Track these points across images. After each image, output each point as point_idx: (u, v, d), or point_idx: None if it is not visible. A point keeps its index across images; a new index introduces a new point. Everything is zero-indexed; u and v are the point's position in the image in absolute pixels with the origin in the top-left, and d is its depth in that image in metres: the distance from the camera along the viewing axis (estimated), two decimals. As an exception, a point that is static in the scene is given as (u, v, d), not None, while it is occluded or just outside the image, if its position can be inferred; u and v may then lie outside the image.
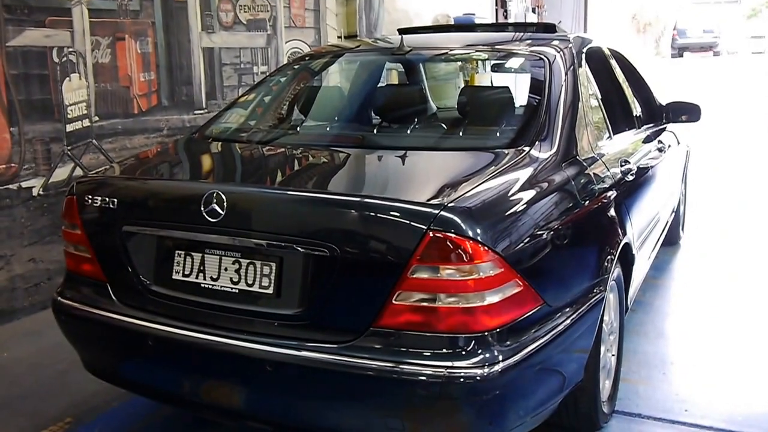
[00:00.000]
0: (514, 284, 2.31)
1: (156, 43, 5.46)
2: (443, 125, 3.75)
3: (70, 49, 4.79)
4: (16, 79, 4.45)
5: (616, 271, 3.14)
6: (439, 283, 2.22)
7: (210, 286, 2.51)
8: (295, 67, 4.10)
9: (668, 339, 4.21)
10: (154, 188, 2.90)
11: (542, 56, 3.39)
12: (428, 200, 2.37)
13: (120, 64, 5.17)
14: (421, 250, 2.20)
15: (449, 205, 2.27)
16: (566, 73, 3.30)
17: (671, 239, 5.72)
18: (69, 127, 4.81)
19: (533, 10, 12.74)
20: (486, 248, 2.22)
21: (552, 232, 2.57)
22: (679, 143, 5.29)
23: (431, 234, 2.20)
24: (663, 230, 4.80)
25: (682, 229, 6.11)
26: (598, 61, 4.10)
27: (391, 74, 4.93)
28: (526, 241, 2.41)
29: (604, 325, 2.99)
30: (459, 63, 4.81)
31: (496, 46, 3.92)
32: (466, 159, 2.95)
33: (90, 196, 2.79)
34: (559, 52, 3.42)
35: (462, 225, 2.21)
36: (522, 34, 4.18)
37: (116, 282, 2.73)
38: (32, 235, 4.59)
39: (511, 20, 11.77)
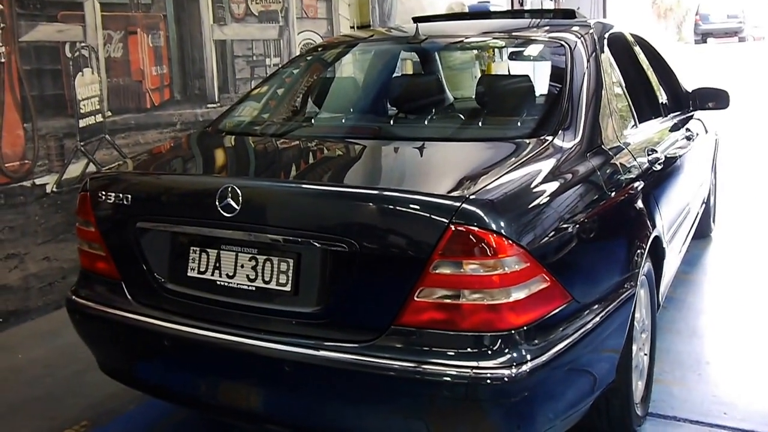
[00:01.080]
0: (541, 279, 2.22)
1: (168, 37, 5.39)
2: (462, 115, 3.66)
3: (83, 44, 4.73)
4: (29, 74, 4.40)
5: (647, 266, 3.04)
6: (462, 278, 2.14)
7: (226, 284, 2.44)
8: (309, 58, 4.03)
9: (702, 337, 4.08)
10: (168, 183, 2.83)
11: (563, 42, 3.29)
12: (449, 192, 2.28)
13: (132, 58, 5.11)
14: (443, 245, 2.12)
15: (471, 197, 2.19)
16: (588, 60, 3.19)
17: (702, 232, 5.59)
18: (82, 123, 4.75)
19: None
20: (510, 242, 2.13)
21: (578, 225, 2.47)
22: (707, 131, 5.18)
23: (453, 227, 2.12)
24: (694, 222, 4.69)
25: (713, 221, 5.99)
26: (621, 47, 3.99)
27: (406, 64, 4.83)
28: (551, 234, 2.33)
29: (635, 322, 2.90)
30: (476, 51, 4.71)
31: (515, 33, 3.83)
32: (486, 149, 2.86)
33: (103, 192, 2.73)
34: (579, 38, 3.32)
35: (485, 218, 2.13)
36: (540, 20, 4.08)
37: (131, 280, 2.67)
38: (46, 233, 4.54)
39: (527, 8, 11.64)
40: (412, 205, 2.24)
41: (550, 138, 2.75)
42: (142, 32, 5.17)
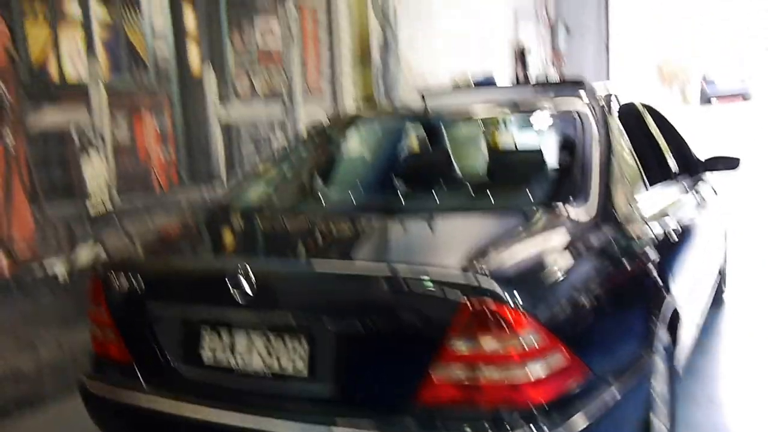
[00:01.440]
0: (559, 353, 2.15)
1: (173, 119, 5.48)
2: (473, 187, 3.67)
3: (90, 129, 4.80)
4: (38, 162, 4.47)
5: (663, 335, 2.95)
6: (479, 355, 2.08)
7: (240, 366, 2.40)
8: (315, 137, 4.06)
9: (720, 406, 4.01)
10: (179, 266, 2.81)
11: (574, 112, 3.30)
12: (463, 267, 2.21)
13: (139, 141, 5.19)
14: (458, 320, 2.08)
15: (486, 270, 2.14)
16: (599, 129, 3.18)
17: (714, 299, 5.56)
18: (90, 205, 4.79)
19: (552, 65, 12.76)
20: (528, 316, 2.08)
21: (594, 297, 2.41)
22: (718, 198, 5.17)
23: (468, 303, 2.07)
24: (712, 290, 4.64)
25: (725, 287, 5.92)
26: (631, 114, 4.02)
27: (411, 138, 4.87)
28: (568, 306, 2.27)
29: (654, 393, 2.80)
30: (487, 123, 4.73)
31: (525, 104, 3.86)
32: (499, 221, 2.81)
33: (115, 277, 2.72)
34: (590, 108, 3.31)
35: (501, 292, 2.07)
36: (550, 90, 4.11)
37: (144, 364, 2.63)
38: (58, 319, 4.53)
39: (530, 75, 11.80)
40: (426, 281, 2.19)
41: (563, 208, 2.72)
42: (148, 115, 5.25)
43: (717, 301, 5.47)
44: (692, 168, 4.66)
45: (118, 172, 5.00)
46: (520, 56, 11.35)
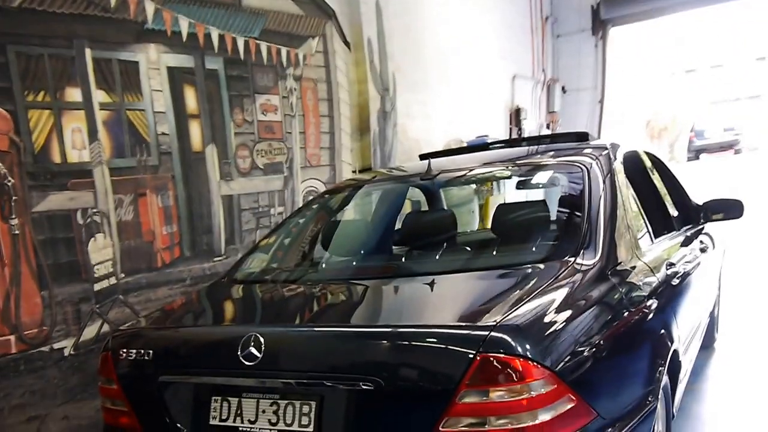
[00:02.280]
0: (567, 399, 2.25)
1: (176, 196, 5.53)
2: (478, 245, 3.73)
3: (94, 210, 4.86)
4: (44, 243, 4.51)
5: (664, 379, 3.06)
6: (489, 405, 2.17)
7: (248, 430, 2.48)
8: (314, 205, 4.13)
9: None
10: (188, 336, 2.92)
11: (579, 165, 3.40)
12: (475, 322, 2.32)
13: (143, 220, 5.23)
14: (471, 374, 2.16)
15: (498, 325, 2.23)
16: (604, 181, 3.29)
17: (705, 342, 5.58)
18: (96, 286, 4.83)
19: (547, 126, 12.88)
20: (537, 365, 2.18)
21: (602, 344, 2.52)
22: (715, 244, 5.23)
23: (480, 357, 2.15)
24: (702, 334, 4.70)
25: (717, 332, 5.97)
26: (635, 165, 4.10)
27: (412, 201, 4.92)
28: (577, 354, 2.37)
29: None
30: (489, 181, 4.80)
31: (530, 160, 3.93)
32: (507, 277, 2.91)
33: (125, 350, 2.82)
34: (595, 160, 3.43)
35: (513, 344, 2.17)
36: (555, 144, 4.19)
37: None
38: (65, 394, 4.58)
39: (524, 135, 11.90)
40: (438, 339, 2.28)
41: (571, 260, 2.81)
42: (151, 194, 5.31)
43: (707, 344, 5.54)
44: (694, 217, 4.75)
45: (122, 251, 5.05)
46: (516, 118, 11.48)
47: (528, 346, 2.18)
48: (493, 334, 2.18)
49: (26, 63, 4.55)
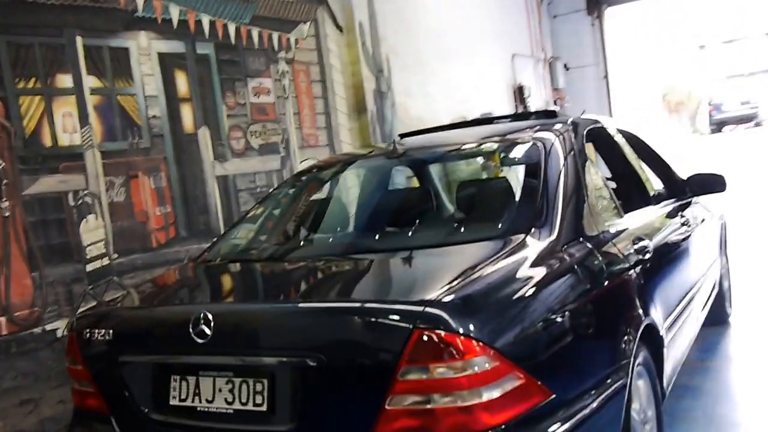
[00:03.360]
0: (514, 377, 2.22)
1: (169, 177, 5.65)
2: (440, 223, 3.77)
3: (86, 192, 4.98)
4: (34, 226, 4.62)
5: (642, 356, 3.03)
6: (431, 383, 2.15)
7: (206, 409, 2.50)
8: (287, 187, 4.20)
9: (720, 425, 4.03)
10: (146, 316, 2.96)
11: (539, 142, 3.41)
12: (412, 298, 2.33)
13: (135, 201, 5.35)
14: (409, 351, 2.15)
15: (434, 300, 2.23)
16: (565, 157, 3.31)
17: (718, 318, 5.59)
18: (89, 267, 4.95)
19: (555, 102, 12.90)
20: (477, 342, 2.15)
21: (555, 320, 2.49)
22: (711, 215, 5.22)
23: (417, 332, 2.14)
24: (704, 308, 4.70)
25: (730, 306, 5.94)
26: (605, 140, 4.13)
27: (376, 179, 4.97)
28: (524, 330, 2.35)
29: (634, 414, 2.87)
30: (452, 159, 4.83)
31: (492, 138, 3.97)
32: (459, 253, 2.90)
33: (88, 331, 2.85)
34: (557, 136, 3.43)
35: (449, 320, 2.16)
36: (521, 123, 4.23)
37: (119, 414, 2.76)
38: (59, 377, 4.66)
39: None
40: (375, 314, 2.29)
41: (523, 236, 2.80)
42: (143, 175, 5.43)
43: (720, 320, 5.52)
44: (678, 191, 4.77)
45: (115, 232, 5.17)
46: (519, 95, 11.52)
47: (465, 322, 2.16)
48: (428, 309, 2.19)
49: (17, 52, 4.68)
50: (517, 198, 3.46)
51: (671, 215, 4.30)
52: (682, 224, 4.33)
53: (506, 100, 11.33)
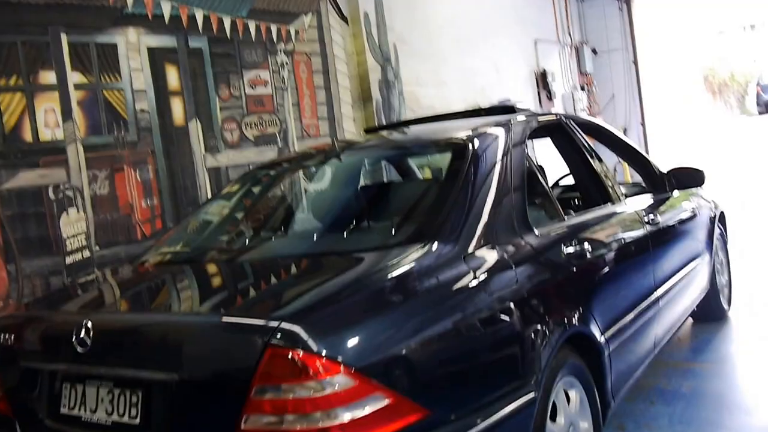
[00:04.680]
0: (380, 397, 2.13)
1: (157, 170, 5.76)
2: (338, 229, 3.48)
3: (67, 185, 5.11)
4: (12, 219, 4.77)
5: (571, 366, 2.96)
6: (284, 403, 2.07)
7: (89, 419, 2.50)
8: (237, 184, 4.16)
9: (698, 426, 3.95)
10: (43, 322, 2.95)
11: (461, 144, 3.31)
12: (270, 312, 2.25)
13: (120, 194, 5.47)
14: (261, 369, 2.07)
15: (292, 315, 2.17)
16: (490, 159, 3.21)
17: (712, 315, 5.52)
18: (68, 260, 5.07)
19: (582, 88, 12.73)
20: (333, 361, 2.07)
21: (439, 335, 2.39)
22: (698, 209, 5.14)
23: (270, 350, 2.07)
24: (685, 308, 4.66)
25: (728, 303, 5.81)
26: (565, 137, 4.04)
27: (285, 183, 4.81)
28: (396, 347, 2.25)
29: (554, 428, 2.81)
30: (379, 161, 4.65)
31: (425, 138, 3.91)
32: (339, 264, 2.81)
33: None
34: (483, 138, 3.33)
35: (304, 337, 2.07)
36: (469, 120, 4.12)
37: (21, 419, 2.78)
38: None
39: (556, 101, 11.82)
40: (231, 329, 2.25)
41: (419, 245, 2.68)
42: (129, 168, 5.55)
43: (715, 317, 5.42)
44: (658, 186, 4.68)
45: (97, 224, 5.28)
46: (542, 81, 11.41)
47: (321, 339, 2.09)
48: (283, 325, 2.10)
49: (-1, 51, 4.81)
50: (424, 204, 3.33)
51: (635, 213, 4.19)
52: (647, 222, 4.20)
53: (528, 87, 11.22)
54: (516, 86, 10.70)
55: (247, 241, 3.59)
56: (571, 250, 3.29)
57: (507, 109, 4.17)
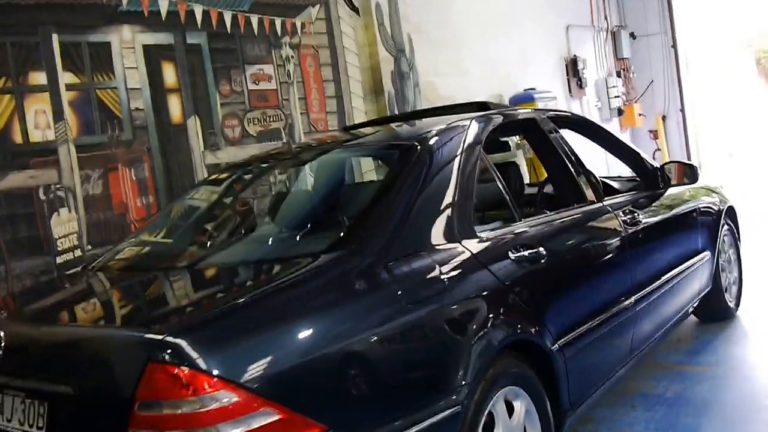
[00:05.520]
0: (268, 412, 2.08)
1: (153, 168, 5.78)
2: (252, 238, 3.45)
3: (58, 186, 5.15)
4: (1, 220, 4.83)
5: (513, 375, 2.87)
6: (165, 418, 2.03)
7: (5, 429, 2.50)
8: (193, 188, 4.11)
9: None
10: None
11: (405, 146, 3.21)
12: (154, 325, 2.24)
13: (114, 193, 5.50)
14: (143, 383, 2.05)
15: (174, 328, 2.15)
16: (432, 161, 3.09)
17: (716, 315, 5.37)
18: (59, 259, 5.13)
19: (618, 74, 12.45)
20: (214, 376, 2.03)
21: (341, 347, 2.32)
22: (700, 204, 5.00)
23: (150, 365, 2.04)
24: (676, 309, 4.54)
25: (737, 302, 5.59)
26: (538, 135, 3.92)
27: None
28: (288, 360, 2.20)
29: None
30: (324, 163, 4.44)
31: (369, 140, 3.82)
32: (247, 273, 2.78)
33: None
34: (430, 139, 3.22)
35: (184, 352, 2.04)
36: (427, 119, 4.01)
37: None
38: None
39: (588, 89, 11.59)
40: (119, 342, 2.24)
41: (332, 254, 2.61)
42: (123, 167, 5.58)
43: (717, 317, 5.27)
44: (651, 182, 4.55)
45: (90, 224, 5.33)
46: (573, 68, 11.17)
47: (203, 354, 2.05)
48: (166, 338, 2.07)
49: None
50: (354, 209, 3.23)
51: (611, 213, 4.02)
52: (626, 222, 4.04)
53: (557, 74, 11.01)
54: (543, 74, 10.49)
55: (176, 249, 3.56)
56: (520, 254, 3.16)
57: (481, 106, 4.06)
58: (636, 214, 4.13)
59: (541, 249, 3.27)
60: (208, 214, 3.82)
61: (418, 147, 3.16)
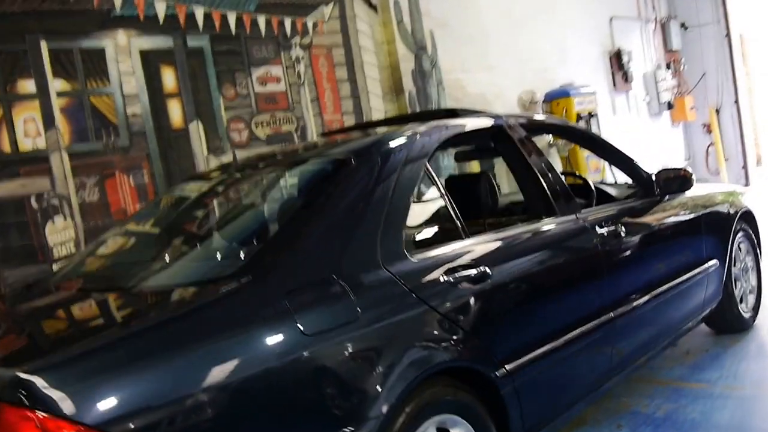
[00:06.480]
0: None
1: (153, 174, 5.71)
2: (170, 259, 3.23)
3: (51, 194, 5.12)
4: (-7, 230, 4.83)
5: (446, 403, 2.71)
6: None
7: None
8: (155, 201, 3.99)
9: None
10: None
11: (335, 161, 3.06)
12: (10, 362, 2.15)
13: (112, 200, 5.45)
14: None
15: (26, 367, 2.01)
16: (358, 178, 2.90)
17: (729, 326, 5.09)
18: (55, 267, 5.10)
19: (667, 66, 11.99)
20: (63, 419, 1.91)
21: (224, 383, 2.17)
22: (706, 211, 4.73)
23: (1, 404, 1.94)
24: (676, 323, 4.35)
25: (754, 313, 5.26)
26: (508, 145, 3.71)
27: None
28: (161, 401, 2.06)
29: None
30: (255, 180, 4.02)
31: (305, 154, 3.65)
32: (137, 301, 2.65)
33: None
34: (365, 153, 3.02)
35: (33, 391, 1.93)
36: (368, 130, 3.86)
37: None
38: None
39: (635, 83, 11.19)
40: None
41: (229, 282, 2.44)
42: (121, 174, 5.52)
43: (730, 328, 4.99)
44: (647, 190, 4.36)
45: (87, 231, 5.28)
46: (617, 62, 10.78)
47: (50, 394, 1.93)
48: (20, 375, 1.96)
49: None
50: (266, 233, 3.12)
51: (583, 226, 3.70)
52: (604, 234, 3.76)
53: (600, 68, 10.64)
54: (584, 68, 10.15)
55: (105, 269, 3.45)
56: (460, 274, 2.94)
57: (449, 112, 3.85)
58: (618, 226, 3.85)
59: (486, 269, 3.04)
60: (147, 232, 3.73)
61: (353, 161, 2.96)
